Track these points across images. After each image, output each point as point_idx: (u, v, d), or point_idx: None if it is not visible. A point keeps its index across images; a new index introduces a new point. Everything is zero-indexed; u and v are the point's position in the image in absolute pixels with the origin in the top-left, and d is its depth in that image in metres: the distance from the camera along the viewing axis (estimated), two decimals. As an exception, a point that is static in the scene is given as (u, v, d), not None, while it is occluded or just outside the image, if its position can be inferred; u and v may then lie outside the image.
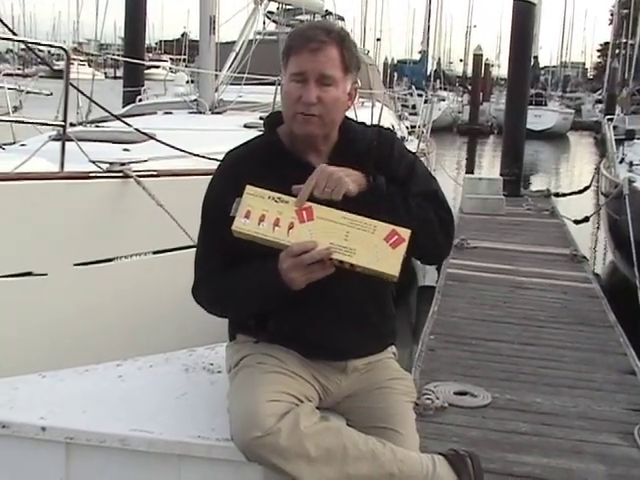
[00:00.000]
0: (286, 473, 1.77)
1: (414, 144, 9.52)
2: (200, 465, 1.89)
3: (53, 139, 3.95)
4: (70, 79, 3.75)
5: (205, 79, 6.87)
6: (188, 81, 8.13)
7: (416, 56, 48.24)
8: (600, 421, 3.71)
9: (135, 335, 3.79)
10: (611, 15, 56.48)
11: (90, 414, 1.98)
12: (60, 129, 3.75)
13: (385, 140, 2.03)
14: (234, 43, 7.89)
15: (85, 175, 3.62)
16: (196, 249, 2.04)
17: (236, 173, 1.91)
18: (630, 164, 8.60)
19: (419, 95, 17.96)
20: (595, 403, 3.92)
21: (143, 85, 10.07)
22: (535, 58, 35.93)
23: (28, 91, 7.76)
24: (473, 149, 28.38)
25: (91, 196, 3.65)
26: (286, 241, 1.78)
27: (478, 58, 38.45)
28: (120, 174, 3.71)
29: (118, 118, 4.78)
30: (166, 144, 4.19)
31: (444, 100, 32.85)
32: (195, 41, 9.19)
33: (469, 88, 39.76)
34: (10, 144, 4.89)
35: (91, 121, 5.87)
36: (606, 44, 57.06)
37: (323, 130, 1.92)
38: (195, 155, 4.24)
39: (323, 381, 1.99)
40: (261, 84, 6.78)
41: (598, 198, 10.53)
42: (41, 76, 9.10)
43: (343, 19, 11.77)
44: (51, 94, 7.59)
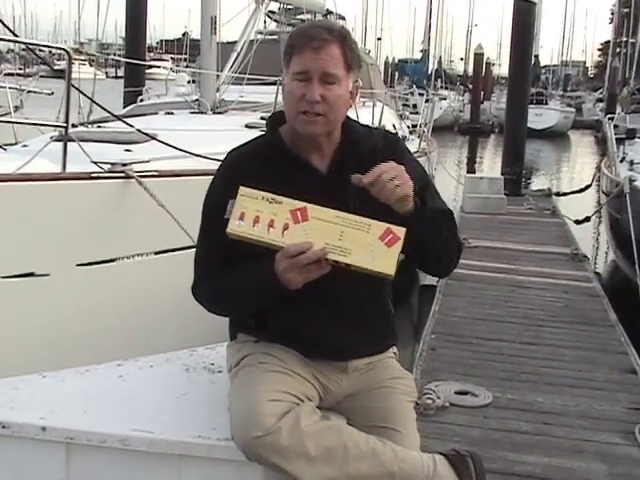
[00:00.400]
0: (287, 472, 1.77)
1: (415, 143, 9.51)
2: (201, 465, 1.89)
3: (55, 140, 3.95)
4: (72, 79, 3.75)
5: (206, 79, 6.86)
6: (189, 81, 8.13)
7: (417, 55, 48.27)
8: (601, 420, 3.72)
9: (137, 335, 3.79)
10: (612, 14, 56.56)
11: (90, 414, 1.98)
12: (62, 130, 3.75)
13: (390, 143, 2.03)
14: (235, 43, 7.89)
15: (87, 176, 3.62)
16: (196, 249, 2.04)
17: (237, 173, 1.91)
18: (631, 163, 8.59)
19: (420, 94, 17.94)
20: (596, 402, 3.92)
21: (144, 85, 10.07)
22: (536, 57, 35.92)
23: (29, 90, 7.76)
24: (474, 148, 28.34)
25: (93, 197, 3.65)
26: (281, 242, 1.77)
27: (479, 57, 38.38)
28: (122, 175, 3.70)
29: (119, 119, 4.77)
30: (168, 144, 4.19)
31: (445, 99, 32.83)
32: (196, 41, 9.18)
33: (470, 87, 39.70)
34: (12, 144, 4.90)
35: (92, 121, 5.87)
36: (607, 43, 56.96)
37: (326, 129, 1.92)
38: (197, 155, 4.24)
39: (324, 380, 1.99)
40: (262, 84, 6.78)
41: (599, 197, 10.52)
42: (42, 76, 9.10)
43: (344, 18, 11.74)
44: (52, 93, 7.57)
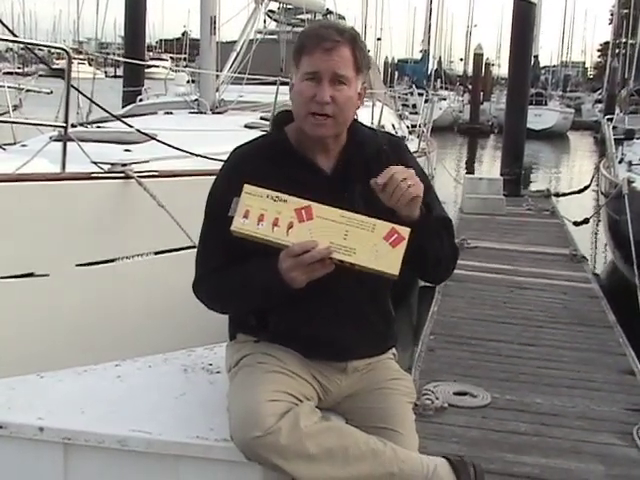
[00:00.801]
0: (286, 473, 1.77)
1: (415, 143, 9.50)
2: (199, 465, 1.88)
3: (54, 140, 3.94)
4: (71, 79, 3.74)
5: (206, 79, 6.86)
6: (189, 81, 8.12)
7: (417, 55, 48.26)
8: (599, 421, 3.71)
9: (137, 335, 3.78)
10: (611, 15, 56.50)
11: (88, 415, 1.98)
12: (61, 130, 3.75)
13: (395, 146, 2.04)
14: (235, 43, 7.88)
15: (87, 176, 3.62)
16: (198, 246, 2.03)
17: (241, 171, 1.90)
18: (629, 164, 8.59)
19: (419, 94, 17.96)
20: (594, 403, 3.92)
21: (143, 85, 10.05)
22: (535, 57, 35.90)
23: (28, 89, 7.75)
24: (473, 149, 28.35)
25: (93, 197, 3.64)
26: (286, 241, 1.77)
27: (479, 57, 38.40)
28: (122, 175, 3.70)
29: (119, 119, 4.77)
30: (167, 144, 4.19)
31: (445, 99, 32.84)
32: (195, 40, 9.19)
33: (469, 87, 39.70)
34: (10, 144, 4.89)
35: (91, 121, 5.86)
36: (606, 44, 57.04)
37: (335, 131, 1.92)
38: (196, 155, 4.23)
39: (323, 381, 1.99)
40: (262, 84, 6.78)
41: (598, 198, 10.52)
42: (41, 75, 9.09)
43: (344, 18, 11.74)
44: (51, 92, 7.57)
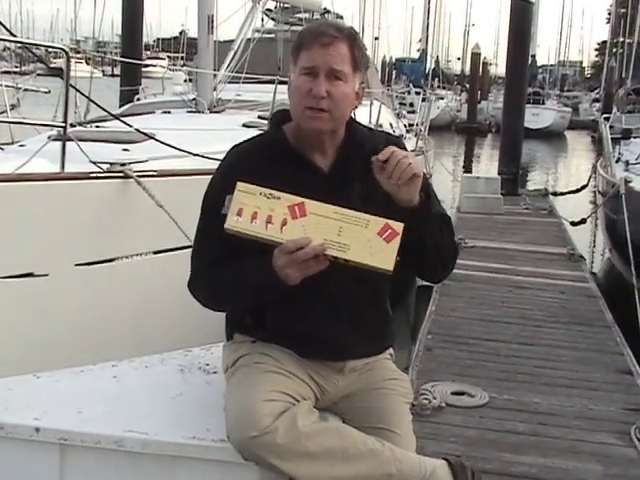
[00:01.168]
0: (283, 473, 1.76)
1: (412, 142, 9.50)
2: (195, 466, 1.88)
3: (54, 139, 3.94)
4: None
5: (203, 78, 6.84)
6: (186, 80, 8.10)
7: (414, 54, 48.28)
8: (597, 421, 3.71)
9: (136, 335, 3.78)
10: (608, 14, 56.49)
11: (85, 415, 1.97)
12: (60, 129, 3.74)
13: (392, 145, 2.01)
14: (232, 42, 7.87)
15: (86, 176, 3.61)
16: (194, 242, 2.03)
17: (238, 170, 1.90)
18: (626, 163, 8.59)
19: (417, 93, 17.96)
20: (592, 403, 3.92)
21: (140, 84, 10.03)
22: (533, 57, 35.98)
23: (26, 89, 7.73)
24: (471, 148, 28.35)
25: (92, 196, 3.64)
26: (279, 238, 1.77)
27: (476, 57, 38.41)
28: (120, 174, 3.70)
29: (118, 118, 4.76)
30: (166, 144, 4.18)
31: (442, 99, 32.84)
32: (193, 39, 9.17)
33: (467, 87, 39.72)
34: (8, 144, 4.87)
35: (89, 121, 5.85)
36: (604, 43, 57.15)
37: (331, 126, 1.91)
38: (195, 155, 4.23)
39: (320, 381, 1.98)
40: (259, 82, 6.77)
41: (595, 197, 10.52)
42: (39, 74, 9.06)
43: (342, 17, 11.72)
44: (49, 92, 7.55)
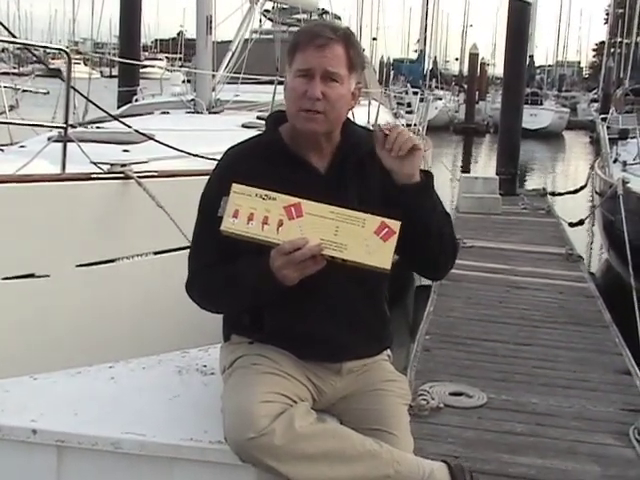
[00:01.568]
0: (281, 474, 1.76)
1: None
2: (193, 468, 1.87)
3: (54, 140, 3.94)
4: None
5: (202, 79, 6.83)
6: (184, 80, 8.10)
7: (412, 55, 48.35)
8: (595, 421, 3.71)
9: (137, 335, 3.77)
10: (606, 14, 56.53)
11: (82, 417, 1.97)
12: (60, 130, 3.74)
13: None
14: (230, 42, 7.86)
15: (87, 177, 3.61)
16: (191, 244, 2.03)
17: (234, 171, 1.90)
18: (624, 164, 8.58)
19: (414, 93, 17.95)
20: (590, 403, 3.92)
21: (138, 84, 10.04)
22: (531, 57, 35.99)
23: (24, 90, 7.72)
24: (469, 148, 28.33)
25: (93, 197, 3.64)
26: (276, 239, 1.77)
27: (474, 57, 38.37)
28: (121, 175, 3.69)
29: (117, 119, 4.75)
30: (165, 145, 4.18)
31: (441, 99, 32.83)
32: (191, 40, 9.16)
33: (465, 87, 39.69)
34: (7, 145, 4.87)
35: (88, 122, 5.84)
36: (602, 43, 57.12)
37: (326, 127, 1.91)
38: (195, 155, 4.23)
39: (318, 382, 1.98)
40: (258, 83, 6.76)
41: (593, 197, 10.53)
42: (37, 75, 9.05)
43: (340, 18, 11.72)
44: (47, 93, 7.54)
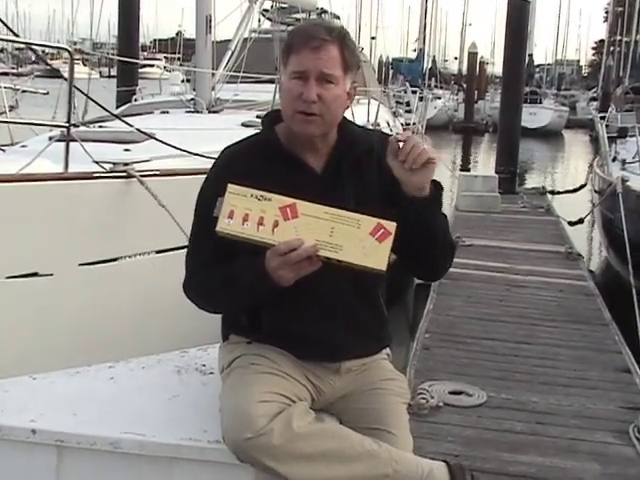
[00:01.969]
0: (279, 474, 1.76)
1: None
2: (192, 467, 1.88)
3: (57, 140, 3.94)
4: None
5: (202, 78, 6.83)
6: (183, 80, 8.10)
7: (411, 54, 48.31)
8: (595, 420, 3.71)
9: (139, 334, 3.78)
10: (606, 13, 56.53)
11: (81, 416, 1.97)
12: (62, 130, 3.75)
13: (386, 143, 2.00)
14: (229, 42, 7.86)
15: (89, 176, 3.62)
16: (188, 245, 2.03)
17: (231, 171, 1.90)
18: (623, 162, 8.59)
19: (413, 92, 17.92)
20: (590, 402, 3.92)
21: (137, 84, 10.03)
22: (530, 56, 35.88)
23: (24, 90, 7.72)
24: (468, 147, 28.34)
25: (95, 196, 3.65)
26: (272, 240, 1.76)
27: (473, 56, 38.33)
28: (124, 174, 3.70)
29: (119, 118, 4.76)
30: (167, 144, 4.19)
31: (440, 98, 32.81)
32: (190, 40, 9.16)
33: (464, 86, 39.66)
34: (9, 145, 4.87)
35: (89, 121, 5.84)
36: (601, 42, 57.08)
37: (322, 129, 1.91)
38: (196, 155, 4.23)
39: (316, 382, 1.98)
40: (257, 82, 6.76)
41: (592, 196, 10.53)
42: (37, 75, 9.05)
43: (338, 17, 11.70)
44: (47, 93, 7.54)
